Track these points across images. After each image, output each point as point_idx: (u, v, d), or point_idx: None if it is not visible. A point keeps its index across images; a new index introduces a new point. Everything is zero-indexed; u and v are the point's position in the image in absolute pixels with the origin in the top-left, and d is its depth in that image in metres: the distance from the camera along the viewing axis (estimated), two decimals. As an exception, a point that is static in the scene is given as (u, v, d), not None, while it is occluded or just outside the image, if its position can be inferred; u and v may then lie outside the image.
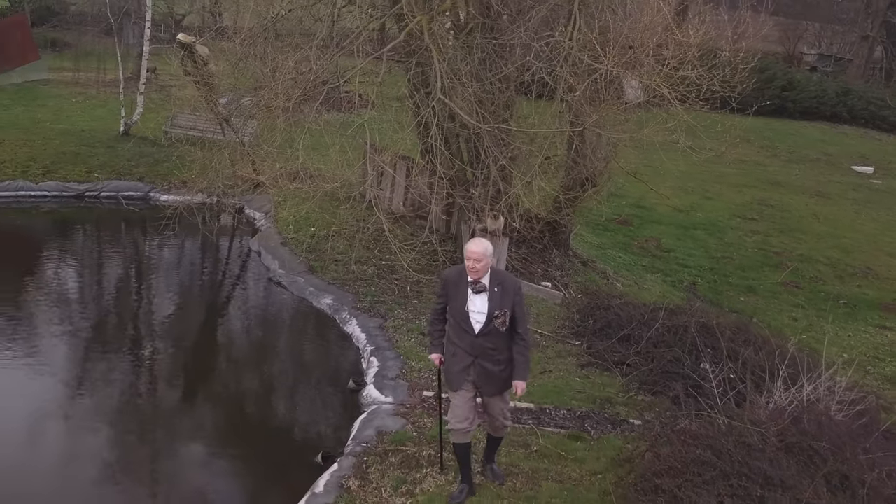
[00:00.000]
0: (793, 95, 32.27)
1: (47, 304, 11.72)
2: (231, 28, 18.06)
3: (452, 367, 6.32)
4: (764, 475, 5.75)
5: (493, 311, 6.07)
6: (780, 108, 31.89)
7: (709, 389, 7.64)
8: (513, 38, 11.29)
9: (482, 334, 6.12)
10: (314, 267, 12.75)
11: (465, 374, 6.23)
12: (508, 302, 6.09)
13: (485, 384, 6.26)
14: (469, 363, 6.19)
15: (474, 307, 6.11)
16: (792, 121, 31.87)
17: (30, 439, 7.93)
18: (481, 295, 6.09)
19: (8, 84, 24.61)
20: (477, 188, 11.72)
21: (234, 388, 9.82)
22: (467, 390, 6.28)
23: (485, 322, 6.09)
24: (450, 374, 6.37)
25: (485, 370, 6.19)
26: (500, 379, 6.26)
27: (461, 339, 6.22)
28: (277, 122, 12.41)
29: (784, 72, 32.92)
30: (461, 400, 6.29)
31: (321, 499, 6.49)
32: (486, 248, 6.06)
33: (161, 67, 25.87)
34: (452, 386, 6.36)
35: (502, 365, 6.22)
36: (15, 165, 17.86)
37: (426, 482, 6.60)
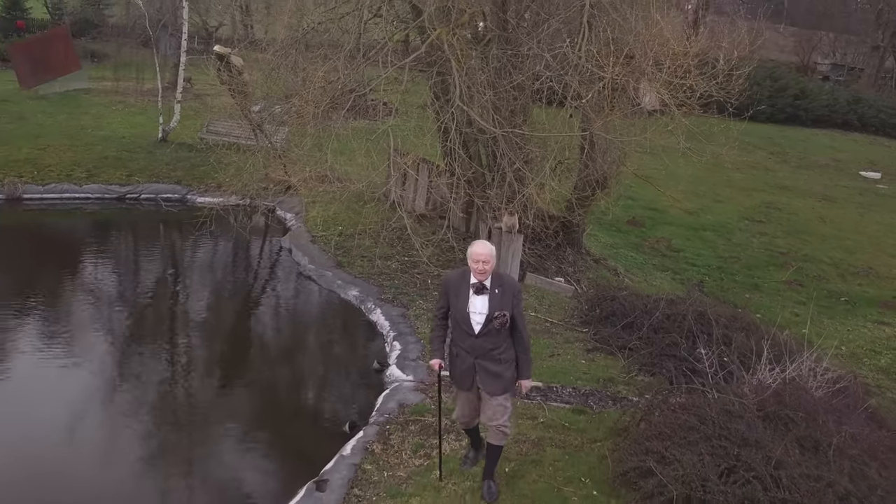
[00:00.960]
0: (805, 104, 32.65)
1: (94, 298, 12.50)
2: (263, 39, 18.83)
3: (457, 368, 6.41)
4: (741, 437, 6.38)
5: (493, 311, 6.10)
6: (792, 116, 32.30)
7: (702, 370, 8.31)
8: (526, 49, 11.98)
9: (482, 335, 6.18)
10: (341, 262, 13.50)
11: (470, 374, 6.31)
12: (508, 303, 6.13)
13: (487, 384, 6.29)
14: (471, 364, 6.27)
15: (475, 308, 6.16)
16: (804, 128, 32.27)
17: (90, 420, 8.69)
18: (482, 296, 6.14)
19: (51, 93, 25.48)
20: (493, 189, 12.38)
21: (270, 369, 10.59)
22: (473, 392, 6.42)
23: (484, 322, 6.14)
24: (454, 374, 6.48)
25: (486, 370, 6.25)
26: (503, 379, 6.29)
27: (462, 341, 6.29)
28: (308, 127, 13.14)
29: (796, 81, 33.31)
30: (466, 399, 6.50)
31: (348, 460, 7.18)
32: (490, 249, 6.14)
33: (195, 77, 26.76)
34: (459, 386, 6.50)
35: (504, 364, 6.26)
36: (60, 169, 18.71)
37: (442, 446, 7.25)
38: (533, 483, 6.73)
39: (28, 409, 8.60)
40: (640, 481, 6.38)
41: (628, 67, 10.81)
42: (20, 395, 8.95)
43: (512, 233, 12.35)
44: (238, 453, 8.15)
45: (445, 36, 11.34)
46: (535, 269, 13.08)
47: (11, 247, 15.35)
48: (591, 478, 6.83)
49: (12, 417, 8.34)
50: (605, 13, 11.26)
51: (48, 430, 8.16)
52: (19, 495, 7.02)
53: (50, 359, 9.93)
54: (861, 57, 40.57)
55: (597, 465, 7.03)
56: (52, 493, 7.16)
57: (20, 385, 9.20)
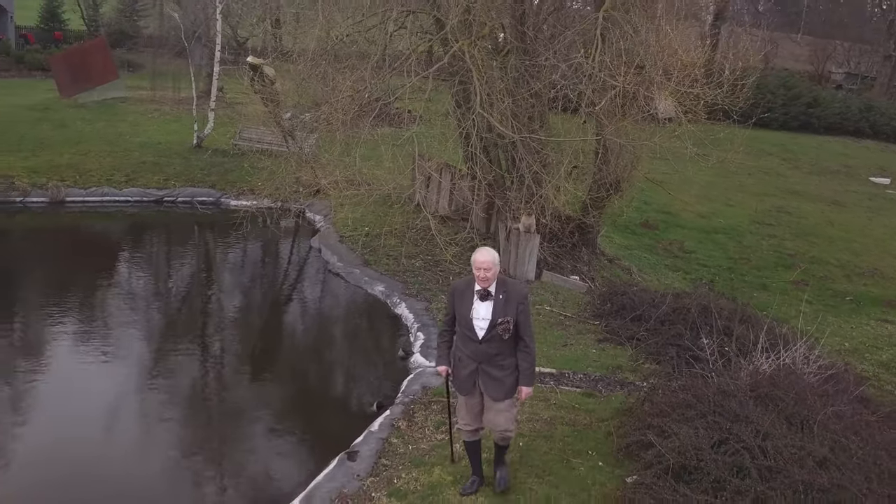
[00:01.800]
0: (817, 112, 33.03)
1: (136, 294, 13.27)
2: (293, 50, 19.52)
3: (459, 373, 6.41)
4: (734, 413, 6.94)
5: (497, 317, 6.10)
6: (805, 123, 32.70)
7: (703, 357, 8.88)
8: (543, 59, 12.58)
9: (485, 340, 6.17)
10: (368, 261, 14.15)
11: (472, 379, 6.33)
12: (512, 310, 6.13)
13: (489, 389, 6.30)
14: (473, 369, 6.28)
15: (478, 314, 6.16)
16: (816, 135, 32.66)
17: (143, 403, 9.40)
18: (486, 302, 6.14)
19: (90, 101, 26.32)
20: (512, 191, 12.99)
21: (304, 357, 11.37)
22: (475, 394, 6.40)
23: (487, 328, 6.13)
24: (458, 379, 6.45)
25: (489, 375, 6.26)
26: (505, 384, 6.28)
27: (466, 346, 6.30)
28: (337, 134, 13.80)
29: (809, 89, 33.71)
30: (469, 403, 6.46)
31: (377, 435, 7.82)
32: (493, 256, 6.13)
33: (227, 86, 27.53)
34: (460, 391, 6.48)
35: (507, 370, 6.27)
36: (100, 174, 19.53)
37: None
38: (544, 455, 7.32)
39: (77, 398, 9.29)
40: (641, 453, 6.95)
41: (639, 77, 11.39)
42: (72, 386, 9.61)
43: (529, 232, 12.96)
44: (277, 430, 8.83)
45: (467, 47, 11.97)
46: (552, 268, 13.66)
47: (56, 247, 16.17)
48: (597, 451, 7.41)
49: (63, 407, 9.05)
50: (618, 26, 11.84)
51: (104, 414, 8.89)
52: (74, 477, 7.68)
53: (95, 351, 10.65)
54: (874, 66, 40.83)
55: (603, 441, 7.61)
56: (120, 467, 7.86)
57: (73, 376, 9.88)
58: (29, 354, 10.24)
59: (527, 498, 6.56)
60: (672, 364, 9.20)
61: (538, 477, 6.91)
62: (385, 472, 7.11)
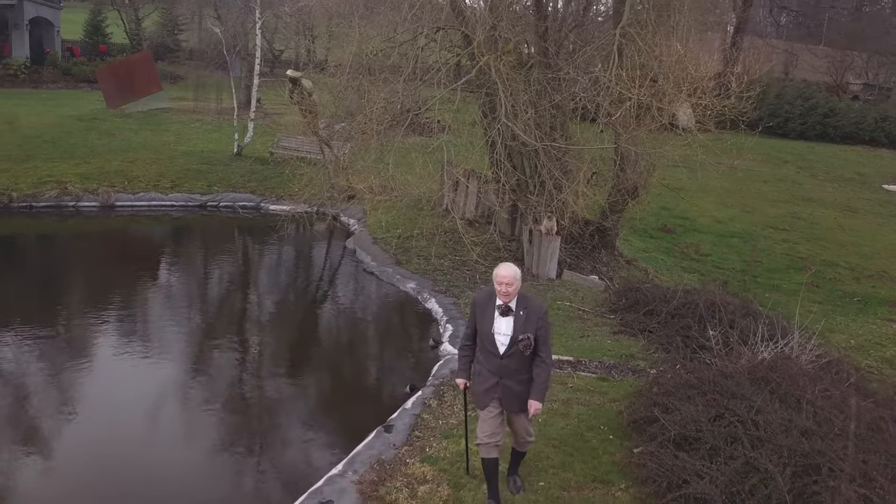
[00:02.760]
0: (833, 121, 33.42)
1: (185, 292, 14.29)
2: (327, 63, 20.39)
3: (479, 387, 6.42)
4: (731, 392, 7.63)
5: (518, 334, 6.11)
6: (822, 133, 33.15)
7: (709, 346, 9.58)
8: (564, 73, 13.33)
9: (506, 356, 6.19)
10: (400, 260, 14.95)
11: (492, 393, 6.31)
12: (532, 326, 6.14)
13: (509, 402, 6.34)
14: (494, 383, 6.28)
15: (500, 329, 6.19)
16: (833, 145, 33.06)
17: (200, 385, 10.27)
18: (507, 318, 6.16)
19: (135, 111, 27.46)
20: (534, 195, 13.73)
21: (343, 347, 12.27)
22: (493, 408, 6.35)
23: (509, 344, 6.16)
24: (477, 393, 6.46)
25: (509, 389, 6.27)
26: (524, 398, 6.29)
27: (487, 361, 6.32)
28: (371, 142, 14.60)
29: (826, 100, 34.14)
30: (488, 416, 6.39)
31: (410, 412, 8.59)
32: (515, 272, 6.16)
33: (264, 97, 28.53)
34: (479, 404, 6.45)
35: (526, 384, 6.28)
36: (147, 180, 20.53)
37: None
38: (560, 430, 8.05)
39: (141, 382, 10.22)
40: (647, 427, 7.66)
41: (652, 89, 12.11)
42: (134, 377, 10.50)
43: (550, 234, 13.69)
44: (321, 409, 9.72)
45: (493, 62, 12.73)
46: (572, 268, 14.38)
47: (108, 248, 17.20)
48: (608, 427, 8.14)
49: (127, 391, 9.98)
50: (634, 42, 12.57)
51: (176, 389, 9.79)
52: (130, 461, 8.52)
53: (151, 341, 11.57)
54: (892, 77, 41.11)
55: (614, 418, 8.33)
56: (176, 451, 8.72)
57: (131, 365, 10.73)
58: (85, 347, 11.09)
59: (544, 465, 7.30)
60: (680, 352, 9.89)
61: (555, 447, 7.64)
62: (418, 442, 7.88)
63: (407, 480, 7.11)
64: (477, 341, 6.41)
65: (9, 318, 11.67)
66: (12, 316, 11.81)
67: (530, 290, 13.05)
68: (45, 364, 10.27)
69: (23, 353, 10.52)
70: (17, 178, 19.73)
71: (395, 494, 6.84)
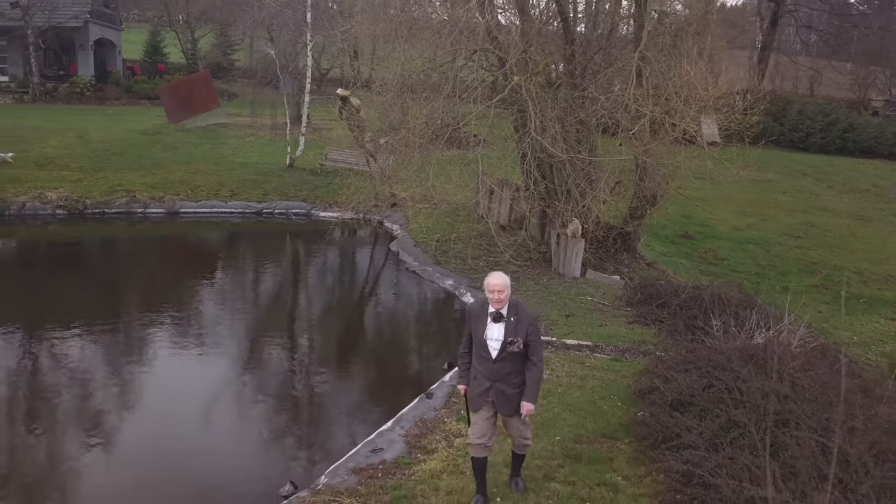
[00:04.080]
0: (853, 136, 34.15)
1: (246, 290, 15.83)
2: (371, 81, 21.77)
3: (474, 391, 6.61)
4: (722, 366, 8.78)
5: (508, 337, 6.31)
6: (841, 147, 33.95)
7: (711, 333, 10.72)
8: (588, 92, 14.54)
9: (499, 360, 6.39)
10: (439, 260, 16.24)
11: (485, 397, 6.50)
12: (522, 331, 6.34)
13: (502, 406, 6.52)
14: (488, 387, 6.46)
15: (492, 335, 6.38)
16: (852, 158, 33.78)
17: (263, 363, 11.65)
18: (499, 324, 6.36)
19: (195, 127, 29.09)
20: (560, 202, 14.93)
21: (389, 333, 13.67)
22: (486, 410, 6.55)
23: (500, 349, 6.36)
24: (472, 396, 6.64)
25: (503, 393, 6.46)
26: (517, 401, 6.48)
27: (481, 365, 6.50)
28: (413, 155, 15.92)
29: (846, 116, 34.90)
30: (480, 419, 6.60)
31: (447, 383, 9.87)
32: (505, 280, 6.39)
33: (312, 113, 30.01)
34: (473, 407, 6.66)
35: (518, 388, 6.47)
36: (208, 189, 22.04)
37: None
38: (576, 398, 9.26)
39: (226, 358, 11.61)
40: (650, 395, 8.84)
41: (666, 106, 13.27)
42: (216, 350, 11.94)
43: (575, 237, 14.88)
44: (372, 383, 11.06)
45: (524, 82, 13.95)
46: (596, 268, 15.54)
47: (174, 251, 18.78)
48: (618, 396, 9.33)
49: (201, 377, 11.38)
50: (650, 64, 13.77)
51: (253, 360, 11.17)
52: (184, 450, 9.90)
53: (216, 332, 13.01)
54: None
55: (624, 390, 9.51)
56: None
57: (199, 354, 12.18)
58: (155, 339, 12.41)
59: (561, 424, 8.51)
60: (683, 337, 11.05)
61: (571, 411, 8.85)
62: (454, 406, 9.14)
63: (444, 434, 8.38)
64: (473, 348, 6.63)
65: (84, 312, 13.13)
66: (87, 311, 13.29)
67: (556, 287, 14.31)
68: (120, 353, 11.71)
69: (100, 344, 11.94)
70: (90, 187, 21.34)
71: (434, 444, 8.12)
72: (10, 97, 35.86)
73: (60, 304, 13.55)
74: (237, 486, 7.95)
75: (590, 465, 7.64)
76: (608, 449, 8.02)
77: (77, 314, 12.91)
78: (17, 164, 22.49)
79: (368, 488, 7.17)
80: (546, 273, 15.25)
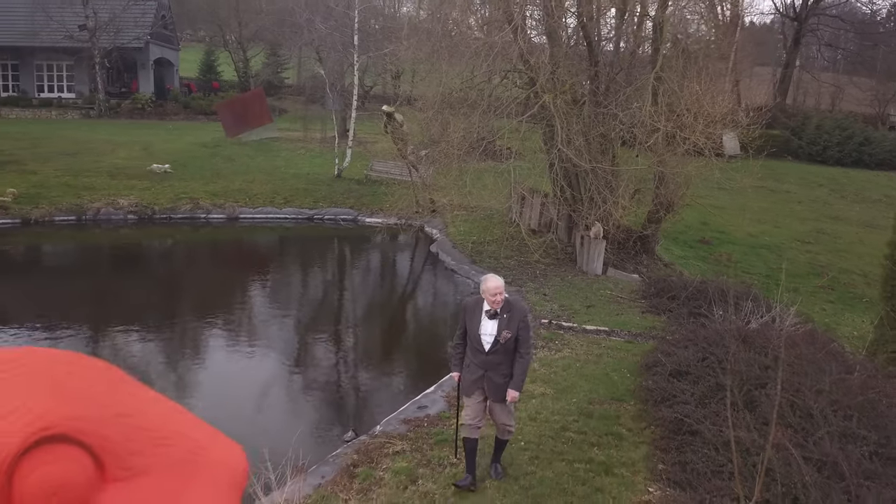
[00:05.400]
0: (869, 149, 35.09)
1: (302, 288, 17.33)
2: (413, 97, 23.30)
3: (467, 378, 7.08)
4: (716, 343, 10.11)
5: (501, 331, 6.75)
6: (857, 160, 34.92)
7: (713, 320, 12.03)
8: (609, 109, 15.92)
9: (491, 352, 6.84)
10: (475, 260, 17.67)
11: (478, 384, 7.00)
12: (514, 326, 6.78)
13: (492, 393, 7.00)
14: (480, 375, 6.94)
15: (486, 330, 6.81)
16: (868, 170, 34.68)
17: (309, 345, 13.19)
18: (493, 321, 6.79)
19: (250, 140, 30.88)
20: (584, 207, 16.30)
21: (429, 322, 15.19)
22: (478, 396, 7.07)
23: (493, 343, 6.80)
24: (465, 383, 7.13)
25: (492, 381, 6.93)
26: (505, 389, 6.95)
27: (475, 357, 6.96)
28: (452, 165, 17.40)
29: (862, 130, 35.87)
30: (472, 402, 7.11)
31: (482, 359, 11.27)
32: (501, 283, 6.87)
33: (357, 127, 31.70)
34: (466, 393, 7.16)
35: (507, 378, 6.93)
36: (264, 197, 23.69)
37: (540, 354, 11.20)
38: (591, 370, 10.65)
39: (287, 336, 13.16)
40: (654, 367, 10.19)
41: (678, 122, 14.63)
42: (280, 331, 13.50)
43: (597, 238, 16.24)
44: (417, 361, 12.54)
45: (551, 99, 15.36)
46: (616, 267, 16.89)
47: (236, 252, 20.45)
48: (627, 370, 10.69)
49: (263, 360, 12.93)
50: (664, 84, 15.14)
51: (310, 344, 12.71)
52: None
53: (274, 323, 14.55)
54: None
55: (633, 365, 10.86)
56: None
57: (279, 327, 13.75)
58: (222, 332, 14.05)
59: (577, 390, 9.90)
60: (688, 323, 12.38)
61: (586, 381, 10.24)
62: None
63: (479, 396, 9.82)
64: (467, 340, 7.07)
65: (152, 310, 14.75)
66: (155, 308, 14.90)
67: (580, 282, 15.68)
68: (191, 344, 13.24)
69: (172, 337, 13.54)
70: (157, 195, 23.08)
71: (470, 403, 9.55)
72: (77, 113, 38.06)
73: (134, 300, 15.29)
74: (314, 434, 9.48)
75: (600, 420, 9.02)
76: (616, 409, 9.39)
77: (150, 308, 14.66)
78: (92, 172, 24.38)
79: (416, 434, 8.62)
80: (571, 271, 16.62)
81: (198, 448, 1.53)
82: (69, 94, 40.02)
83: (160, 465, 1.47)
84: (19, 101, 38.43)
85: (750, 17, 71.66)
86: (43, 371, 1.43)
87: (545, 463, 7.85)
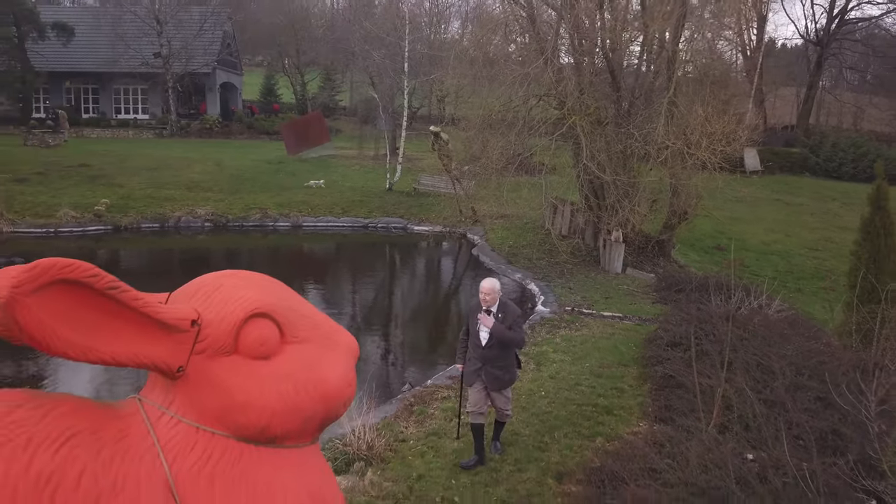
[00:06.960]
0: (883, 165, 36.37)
1: (358, 287, 19.55)
2: (455, 117, 25.42)
3: (468, 369, 7.73)
4: (706, 321, 12.02)
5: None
6: (871, 176, 36.07)
7: (709, 305, 13.92)
8: (628, 129, 17.89)
9: (487, 347, 7.44)
10: (511, 261, 19.72)
11: (477, 374, 7.60)
12: (508, 323, 7.42)
13: (490, 382, 7.57)
14: (479, 367, 7.55)
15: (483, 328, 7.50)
16: (882, 185, 36.04)
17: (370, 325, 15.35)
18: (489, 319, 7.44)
19: (310, 157, 33.24)
20: (606, 214, 18.26)
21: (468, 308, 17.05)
22: (478, 385, 7.63)
23: (488, 338, 7.41)
24: (467, 374, 7.77)
25: (490, 373, 7.53)
26: (502, 380, 7.60)
27: (474, 351, 7.59)
28: (491, 179, 19.46)
29: (876, 147, 37.18)
30: (474, 391, 7.67)
31: (514, 336, 13.30)
32: (493, 285, 7.48)
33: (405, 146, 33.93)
34: (468, 382, 7.76)
35: (503, 370, 7.57)
36: (324, 207, 25.97)
37: (562, 332, 13.20)
38: (604, 344, 12.61)
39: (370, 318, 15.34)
40: (654, 340, 12.13)
41: (686, 140, 16.54)
42: (367, 314, 15.67)
43: (618, 242, 18.19)
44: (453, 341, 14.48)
45: (578, 120, 17.36)
46: (634, 267, 18.80)
47: (301, 256, 22.77)
48: (634, 344, 12.63)
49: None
50: (677, 107, 17.09)
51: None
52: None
53: (356, 301, 16.78)
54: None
55: (639, 341, 12.80)
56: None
57: (363, 313, 15.94)
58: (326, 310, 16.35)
59: (590, 357, 11.88)
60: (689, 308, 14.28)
61: (598, 351, 12.22)
62: (517, 347, 12.60)
63: (510, 361, 11.85)
64: (469, 337, 7.77)
65: None
66: None
67: (601, 279, 17.61)
68: None
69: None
70: (230, 206, 25.49)
71: (503, 366, 11.59)
72: (151, 132, 40.84)
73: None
74: (381, 387, 11.62)
75: (607, 379, 10.98)
76: (621, 371, 11.35)
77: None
78: (171, 185, 26.89)
79: (457, 385, 10.64)
80: (594, 270, 18.57)
81: (333, 331, 2.68)
82: (143, 115, 42.84)
83: (315, 337, 2.69)
84: (100, 122, 41.41)
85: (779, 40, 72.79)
86: (254, 279, 2.62)
87: (560, 405, 9.85)
